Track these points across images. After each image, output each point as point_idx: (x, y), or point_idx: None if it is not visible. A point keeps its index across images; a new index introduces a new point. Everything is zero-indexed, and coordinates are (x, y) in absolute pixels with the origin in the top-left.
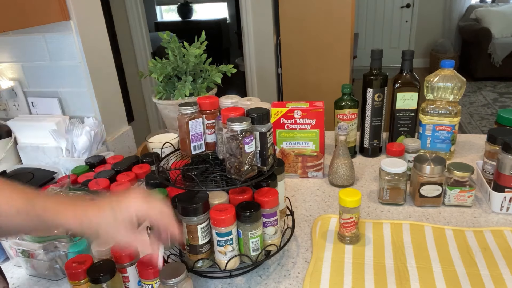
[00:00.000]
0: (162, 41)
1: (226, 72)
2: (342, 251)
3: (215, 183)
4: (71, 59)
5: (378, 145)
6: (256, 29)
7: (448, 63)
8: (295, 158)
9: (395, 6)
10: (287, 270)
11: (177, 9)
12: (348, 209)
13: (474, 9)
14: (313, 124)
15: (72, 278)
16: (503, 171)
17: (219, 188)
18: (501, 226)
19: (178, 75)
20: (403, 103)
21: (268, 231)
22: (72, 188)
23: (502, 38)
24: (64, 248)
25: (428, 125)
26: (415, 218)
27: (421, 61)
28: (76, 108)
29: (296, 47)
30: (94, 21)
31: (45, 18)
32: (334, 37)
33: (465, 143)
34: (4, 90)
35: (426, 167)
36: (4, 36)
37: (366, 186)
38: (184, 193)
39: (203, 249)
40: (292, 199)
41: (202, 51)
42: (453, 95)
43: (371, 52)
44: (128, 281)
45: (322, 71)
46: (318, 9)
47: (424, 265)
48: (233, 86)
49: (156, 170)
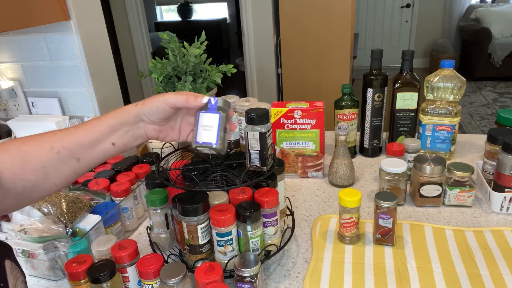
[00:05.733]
0: (162, 41)
1: (226, 72)
2: (342, 251)
3: (215, 183)
4: (71, 59)
5: (378, 145)
6: (256, 29)
7: (448, 63)
8: (295, 158)
9: (395, 6)
10: (287, 270)
11: (177, 9)
12: (348, 209)
13: (474, 9)
14: (313, 124)
15: (72, 278)
16: (503, 171)
17: (219, 188)
18: (501, 226)
19: (178, 75)
20: (403, 103)
21: (268, 231)
22: (72, 188)
23: (502, 38)
24: (64, 248)
25: (428, 125)
26: (415, 218)
27: (421, 61)
28: (76, 108)
29: (296, 47)
30: (94, 21)
31: (45, 18)
32: (334, 37)
33: (465, 143)
34: (4, 90)
35: (426, 167)
36: (4, 36)
37: (366, 186)
38: (184, 193)
39: (203, 249)
40: (292, 199)
41: (202, 51)
42: (453, 95)
43: (371, 52)
44: (128, 281)
45: (322, 71)
46: (318, 9)
47: (424, 265)
48: (233, 86)
49: (156, 170)
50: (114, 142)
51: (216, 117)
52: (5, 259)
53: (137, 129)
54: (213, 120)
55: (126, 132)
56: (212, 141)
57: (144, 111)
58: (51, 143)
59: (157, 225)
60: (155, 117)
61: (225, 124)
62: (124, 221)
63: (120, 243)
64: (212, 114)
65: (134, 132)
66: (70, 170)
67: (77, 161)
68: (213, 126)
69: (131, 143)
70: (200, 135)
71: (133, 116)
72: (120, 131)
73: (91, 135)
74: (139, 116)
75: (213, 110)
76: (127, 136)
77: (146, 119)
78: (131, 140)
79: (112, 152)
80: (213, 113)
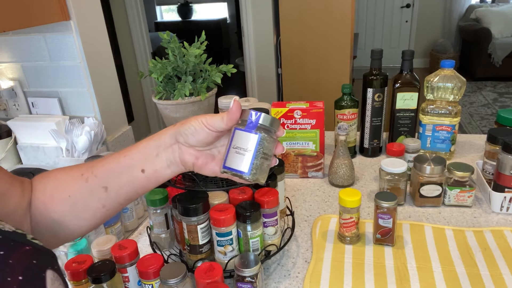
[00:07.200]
0: (162, 41)
1: (226, 72)
2: (342, 251)
3: (215, 183)
4: (71, 59)
5: (378, 145)
6: (256, 29)
7: (448, 63)
8: (295, 158)
9: (395, 6)
10: (287, 270)
11: (177, 9)
12: (348, 209)
13: (474, 9)
14: (313, 124)
15: (72, 278)
16: (503, 171)
17: (219, 188)
18: (501, 226)
19: (178, 75)
20: (403, 103)
21: (268, 231)
22: None
23: (502, 38)
24: (64, 248)
25: (428, 125)
26: (415, 218)
27: (421, 61)
28: (76, 108)
29: (296, 47)
30: (94, 21)
31: (45, 18)
32: (334, 37)
33: (465, 143)
34: (4, 90)
35: (426, 167)
36: (4, 36)
37: (366, 186)
38: (184, 193)
39: (203, 249)
40: (292, 199)
41: (202, 51)
42: (453, 95)
43: (371, 52)
44: (128, 281)
45: (322, 71)
46: (318, 9)
47: (424, 265)
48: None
49: None
50: (144, 169)
51: (253, 139)
52: (46, 269)
53: (171, 152)
54: (249, 142)
55: (157, 156)
56: (244, 169)
57: (181, 130)
58: (82, 170)
59: (157, 225)
60: (193, 139)
61: (267, 148)
62: (124, 221)
63: (120, 243)
64: (249, 134)
65: (167, 156)
66: (97, 202)
67: (105, 190)
68: (247, 150)
69: (163, 171)
70: (230, 159)
71: (169, 137)
72: (152, 155)
73: (121, 159)
74: (175, 136)
75: (251, 129)
76: (159, 162)
77: (182, 140)
78: (163, 166)
79: (141, 181)
80: (250, 133)
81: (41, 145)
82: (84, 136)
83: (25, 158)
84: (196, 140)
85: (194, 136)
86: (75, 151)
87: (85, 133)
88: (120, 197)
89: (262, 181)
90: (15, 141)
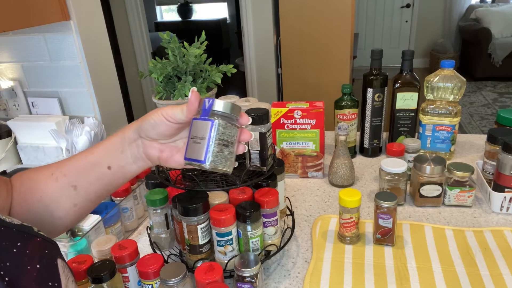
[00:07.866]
0: (162, 41)
1: (226, 72)
2: (342, 251)
3: (215, 183)
4: (71, 59)
5: (378, 145)
6: (256, 29)
7: (448, 63)
8: (295, 158)
9: (395, 6)
10: (287, 270)
11: (177, 9)
12: (348, 209)
13: (474, 9)
14: (313, 124)
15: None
16: (503, 171)
17: (219, 188)
18: (501, 226)
19: (178, 75)
20: (403, 103)
21: (268, 231)
22: None
23: (502, 38)
24: (64, 248)
25: (428, 125)
26: (415, 218)
27: (421, 61)
28: (76, 108)
29: (296, 47)
30: (94, 21)
31: (45, 18)
32: (334, 37)
33: (465, 143)
34: (4, 90)
35: (426, 167)
36: (4, 36)
37: (366, 186)
38: (184, 193)
39: (203, 249)
40: (292, 199)
41: (202, 51)
42: (453, 95)
43: (371, 52)
44: (128, 281)
45: (322, 71)
46: (318, 9)
47: (424, 265)
48: (233, 86)
49: (156, 170)
50: (110, 166)
51: (207, 126)
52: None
53: (135, 147)
54: (204, 130)
55: (122, 153)
56: (200, 158)
57: (142, 125)
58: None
59: (157, 225)
60: (153, 132)
61: (226, 135)
62: (124, 221)
63: (120, 243)
64: (203, 122)
65: (132, 152)
66: (68, 202)
67: (74, 189)
68: (203, 138)
69: (129, 166)
70: (189, 149)
71: (132, 132)
72: (117, 152)
73: (89, 157)
74: (137, 131)
75: (204, 116)
76: (124, 158)
77: (144, 134)
78: (129, 162)
79: (109, 178)
80: (204, 120)
81: (41, 145)
82: (84, 136)
83: (25, 158)
84: (156, 133)
85: (154, 129)
86: (75, 151)
87: (85, 133)
88: (90, 195)
89: (226, 170)
90: (15, 141)
